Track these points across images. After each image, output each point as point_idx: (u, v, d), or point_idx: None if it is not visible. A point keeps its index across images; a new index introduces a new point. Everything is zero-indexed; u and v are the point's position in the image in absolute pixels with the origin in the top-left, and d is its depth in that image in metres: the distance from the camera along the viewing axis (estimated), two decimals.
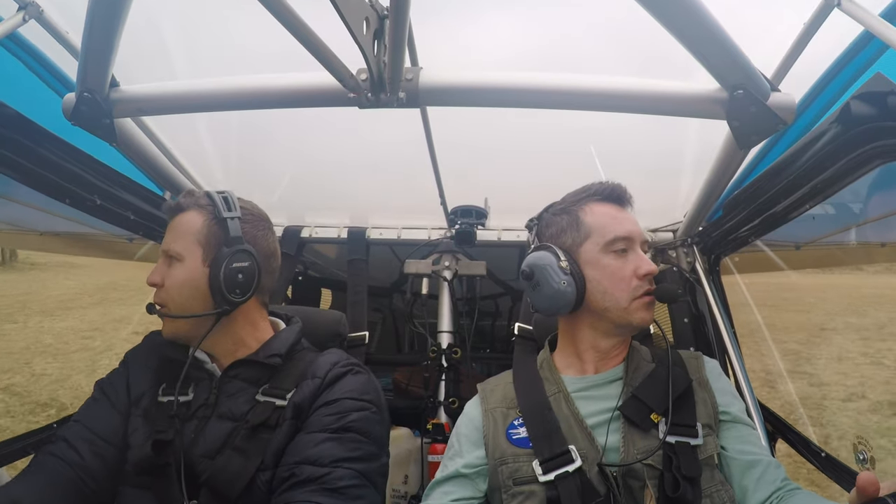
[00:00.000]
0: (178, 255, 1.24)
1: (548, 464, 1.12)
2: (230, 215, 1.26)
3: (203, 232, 1.25)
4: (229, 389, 1.23)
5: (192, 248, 1.24)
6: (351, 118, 1.24)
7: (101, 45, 1.03)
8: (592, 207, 1.26)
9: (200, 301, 1.24)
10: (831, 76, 1.32)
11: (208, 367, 1.28)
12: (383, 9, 0.95)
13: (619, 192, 1.27)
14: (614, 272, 1.20)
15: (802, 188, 1.38)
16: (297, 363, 1.29)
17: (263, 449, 1.15)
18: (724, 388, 1.25)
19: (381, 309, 3.25)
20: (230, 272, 1.23)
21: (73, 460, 1.15)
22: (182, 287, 1.23)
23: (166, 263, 1.26)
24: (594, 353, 1.27)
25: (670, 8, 0.86)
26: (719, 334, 1.89)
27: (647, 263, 1.21)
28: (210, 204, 1.27)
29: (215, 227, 1.26)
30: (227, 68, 1.34)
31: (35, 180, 1.40)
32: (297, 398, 1.20)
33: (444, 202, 1.99)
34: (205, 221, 1.26)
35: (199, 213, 1.27)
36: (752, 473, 1.12)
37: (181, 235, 1.25)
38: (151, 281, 1.25)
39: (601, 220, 1.23)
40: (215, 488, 1.12)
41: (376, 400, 1.26)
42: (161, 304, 1.24)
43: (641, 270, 1.20)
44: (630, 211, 1.28)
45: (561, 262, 1.20)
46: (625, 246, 1.22)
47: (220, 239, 1.25)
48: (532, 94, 1.12)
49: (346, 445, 1.15)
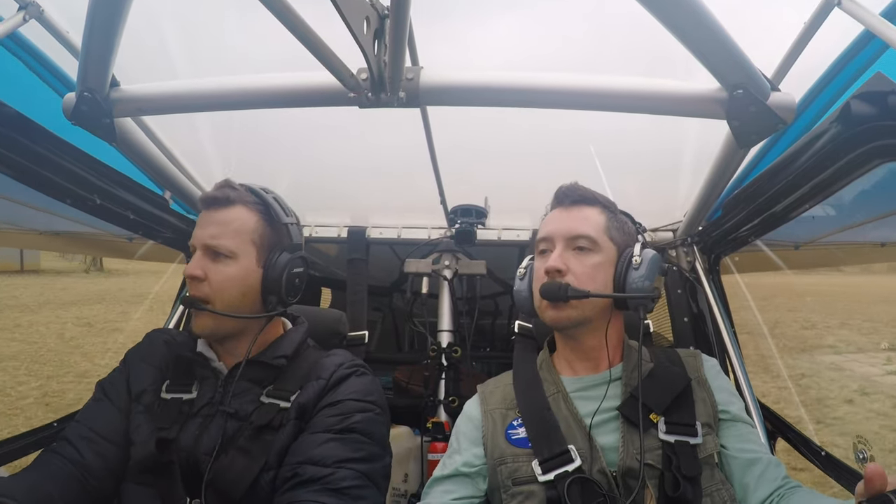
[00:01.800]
0: (231, 252, 1.21)
1: (547, 463, 1.12)
2: (290, 221, 1.28)
3: (258, 232, 1.25)
4: (235, 389, 1.23)
5: (247, 248, 1.23)
6: (352, 118, 1.24)
7: (101, 44, 1.03)
8: (547, 216, 1.31)
9: (250, 301, 1.24)
10: (831, 76, 1.32)
11: (215, 364, 1.28)
12: (384, 8, 0.94)
13: (561, 192, 1.29)
14: (534, 273, 1.27)
15: (802, 188, 1.38)
16: (301, 363, 1.29)
17: (267, 449, 1.15)
18: (723, 387, 1.25)
19: (381, 308, 3.24)
20: (290, 277, 1.25)
21: (74, 458, 1.15)
22: (233, 284, 1.21)
23: (210, 257, 1.22)
24: (571, 354, 1.28)
25: (670, 7, 0.86)
26: (719, 334, 1.89)
27: (549, 260, 1.20)
28: (259, 203, 1.26)
29: (268, 229, 1.26)
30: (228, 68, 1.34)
31: (35, 180, 1.40)
32: (302, 399, 1.20)
33: (444, 201, 1.99)
34: (258, 221, 1.25)
35: (249, 210, 1.25)
36: (752, 471, 1.12)
37: (234, 232, 1.22)
38: (193, 273, 1.20)
39: (541, 226, 1.30)
40: (219, 488, 1.12)
41: (380, 401, 1.26)
42: (205, 300, 1.21)
43: (542, 268, 1.21)
44: (581, 207, 1.26)
45: (520, 269, 1.33)
46: (545, 247, 1.25)
47: (274, 241, 1.26)
48: (532, 93, 1.12)
49: (349, 446, 1.15)
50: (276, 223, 1.27)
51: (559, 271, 1.18)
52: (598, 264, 1.20)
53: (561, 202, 1.28)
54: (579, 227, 1.22)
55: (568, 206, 1.26)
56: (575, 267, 1.19)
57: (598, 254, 1.21)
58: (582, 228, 1.21)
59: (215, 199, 1.25)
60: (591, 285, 1.18)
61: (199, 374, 1.26)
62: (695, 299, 1.98)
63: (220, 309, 1.21)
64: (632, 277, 1.19)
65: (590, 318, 1.21)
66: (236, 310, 1.22)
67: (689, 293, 2.00)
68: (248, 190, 1.28)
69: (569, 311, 1.18)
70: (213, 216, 1.24)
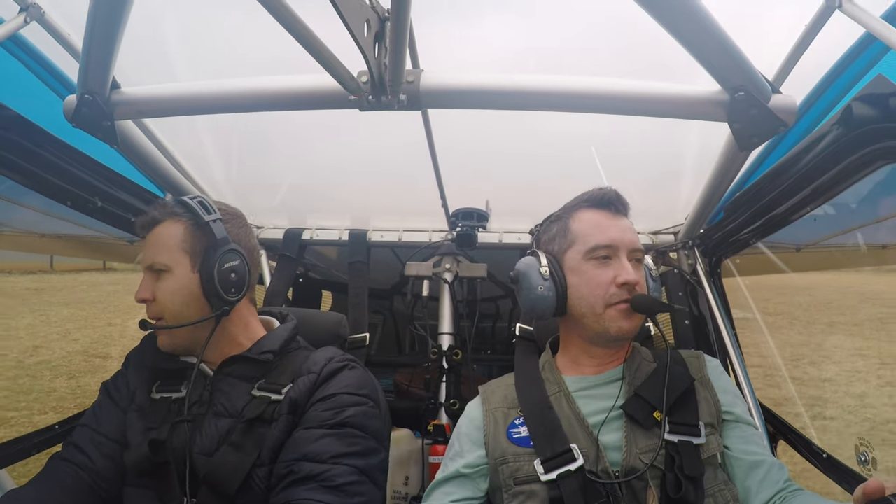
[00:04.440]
0: (165, 266, 1.23)
1: (549, 463, 1.12)
2: (211, 218, 1.25)
3: (187, 239, 1.25)
4: (224, 387, 1.24)
5: (179, 257, 1.24)
6: (353, 120, 1.24)
7: (102, 46, 1.03)
8: (581, 214, 1.27)
9: (196, 308, 1.24)
10: (833, 78, 1.32)
11: (201, 367, 1.28)
12: (384, 11, 0.94)
13: (609, 198, 1.27)
14: (591, 279, 1.21)
15: (804, 190, 1.38)
16: (291, 359, 1.30)
17: (259, 443, 1.15)
18: (726, 388, 1.25)
19: (382, 311, 3.25)
20: (223, 273, 1.23)
21: (84, 464, 1.17)
22: (175, 297, 1.23)
23: (153, 278, 1.25)
24: (588, 358, 1.27)
25: (671, 10, 0.86)
26: (720, 336, 1.89)
27: (626, 272, 1.19)
28: (186, 211, 1.26)
29: (198, 233, 1.25)
30: (228, 70, 1.34)
31: (36, 182, 1.40)
32: (294, 393, 1.20)
33: (445, 204, 1.99)
34: (185, 228, 1.25)
35: (177, 221, 1.26)
36: (756, 474, 1.12)
37: (164, 247, 1.24)
38: (141, 297, 1.24)
39: (586, 227, 1.25)
40: (213, 484, 1.12)
41: (373, 395, 1.26)
42: (156, 318, 1.24)
43: (620, 279, 1.19)
44: (624, 217, 1.27)
45: (541, 268, 1.23)
46: (607, 253, 1.22)
47: (205, 243, 1.25)
48: (533, 96, 1.11)
49: (344, 441, 1.15)
50: (204, 226, 1.25)
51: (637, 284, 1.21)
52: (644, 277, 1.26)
53: (607, 207, 1.27)
54: (636, 240, 1.26)
55: (614, 213, 1.27)
56: (639, 279, 1.22)
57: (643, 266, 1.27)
58: (639, 242, 1.26)
59: (143, 223, 1.28)
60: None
61: (188, 374, 1.27)
62: (696, 302, 1.98)
63: (171, 322, 1.23)
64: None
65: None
66: (186, 319, 1.23)
67: (690, 296, 1.99)
68: (177, 202, 1.28)
69: (637, 321, 1.21)
70: (148, 239, 1.27)
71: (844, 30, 1.13)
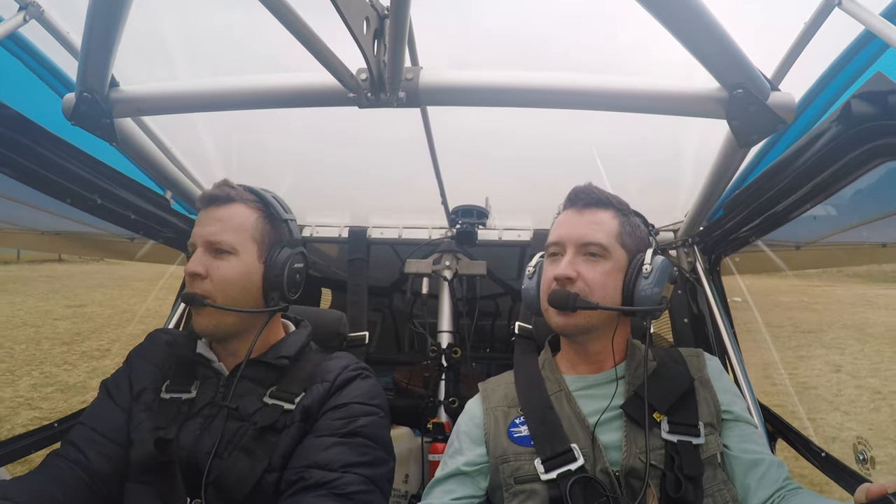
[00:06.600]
0: (233, 248, 1.21)
1: (550, 462, 1.12)
2: (289, 217, 1.29)
3: (259, 229, 1.25)
4: (238, 389, 1.22)
5: (248, 244, 1.23)
6: (352, 118, 1.24)
7: (101, 45, 1.03)
8: (560, 215, 1.30)
9: (252, 298, 1.24)
10: (832, 75, 1.32)
11: (215, 365, 1.27)
12: (383, 8, 0.94)
13: (576, 193, 1.27)
14: (543, 277, 1.26)
15: (803, 188, 1.38)
16: (304, 365, 1.29)
17: (270, 451, 1.15)
18: (726, 387, 1.25)
19: (381, 308, 3.24)
20: (291, 272, 1.25)
21: (79, 462, 1.15)
22: (235, 281, 1.21)
23: (211, 254, 1.21)
24: (576, 355, 1.28)
25: (670, 8, 0.86)
26: (719, 334, 1.89)
27: (559, 267, 1.19)
28: (257, 201, 1.27)
29: (268, 226, 1.27)
30: (227, 68, 1.34)
31: (35, 180, 1.40)
32: (306, 401, 1.20)
33: (445, 202, 1.99)
34: (258, 218, 1.26)
35: (249, 208, 1.26)
36: (754, 472, 1.12)
37: (234, 229, 1.23)
38: (194, 271, 1.19)
39: (553, 227, 1.29)
40: (222, 488, 1.12)
41: (383, 405, 1.26)
42: (206, 296, 1.19)
43: (551, 274, 1.21)
44: (596, 210, 1.24)
45: (528, 268, 1.33)
46: (555, 250, 1.24)
47: (273, 238, 1.27)
48: (532, 93, 1.11)
49: (355, 450, 1.14)
50: (275, 220, 1.28)
51: (569, 279, 1.18)
52: (608, 271, 1.19)
53: (574, 203, 1.27)
54: (591, 233, 1.20)
55: (581, 208, 1.25)
56: (585, 273, 1.18)
57: (609, 261, 1.20)
58: (593, 235, 1.20)
59: (215, 196, 1.25)
60: (601, 292, 1.17)
61: (201, 374, 1.26)
62: (695, 300, 1.98)
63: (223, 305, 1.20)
64: (641, 286, 1.18)
65: (596, 326, 1.21)
66: (237, 306, 1.21)
67: (690, 294, 1.99)
68: (247, 189, 1.29)
69: (576, 319, 1.18)
70: (213, 213, 1.24)
71: (844, 27, 1.13)
